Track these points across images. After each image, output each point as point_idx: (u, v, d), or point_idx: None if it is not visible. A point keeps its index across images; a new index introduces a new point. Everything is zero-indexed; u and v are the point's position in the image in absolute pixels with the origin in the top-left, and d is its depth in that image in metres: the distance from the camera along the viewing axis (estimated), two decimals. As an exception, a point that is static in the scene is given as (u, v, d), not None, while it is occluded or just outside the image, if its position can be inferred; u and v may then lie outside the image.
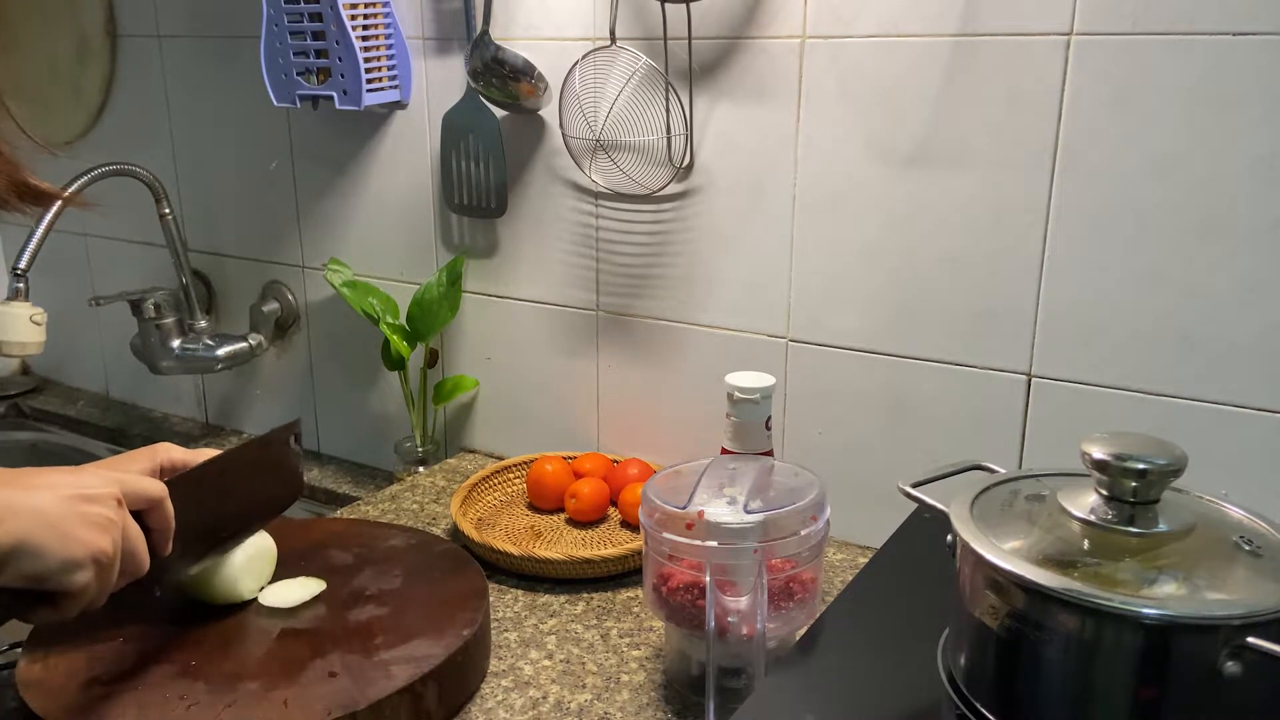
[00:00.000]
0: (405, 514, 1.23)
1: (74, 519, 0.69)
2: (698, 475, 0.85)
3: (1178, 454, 0.62)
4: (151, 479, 0.78)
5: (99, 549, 0.69)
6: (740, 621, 0.79)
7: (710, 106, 1.13)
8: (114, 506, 0.72)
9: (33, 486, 0.69)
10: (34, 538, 0.66)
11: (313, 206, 1.47)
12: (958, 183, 1.01)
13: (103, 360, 1.82)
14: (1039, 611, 0.59)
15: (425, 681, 0.81)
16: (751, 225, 1.13)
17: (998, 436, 1.04)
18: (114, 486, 0.73)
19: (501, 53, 1.19)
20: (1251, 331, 0.91)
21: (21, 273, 1.27)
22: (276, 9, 1.26)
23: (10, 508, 0.66)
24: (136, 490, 0.75)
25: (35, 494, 0.68)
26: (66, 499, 0.69)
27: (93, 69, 1.62)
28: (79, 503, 0.70)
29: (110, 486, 0.72)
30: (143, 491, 0.76)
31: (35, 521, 0.67)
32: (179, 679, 0.80)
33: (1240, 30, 0.86)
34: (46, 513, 0.68)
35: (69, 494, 0.69)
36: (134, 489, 0.75)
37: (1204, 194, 0.91)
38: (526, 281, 1.32)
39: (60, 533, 0.68)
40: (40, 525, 0.67)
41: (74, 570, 0.68)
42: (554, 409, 1.34)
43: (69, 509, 0.69)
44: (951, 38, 0.98)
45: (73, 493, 0.70)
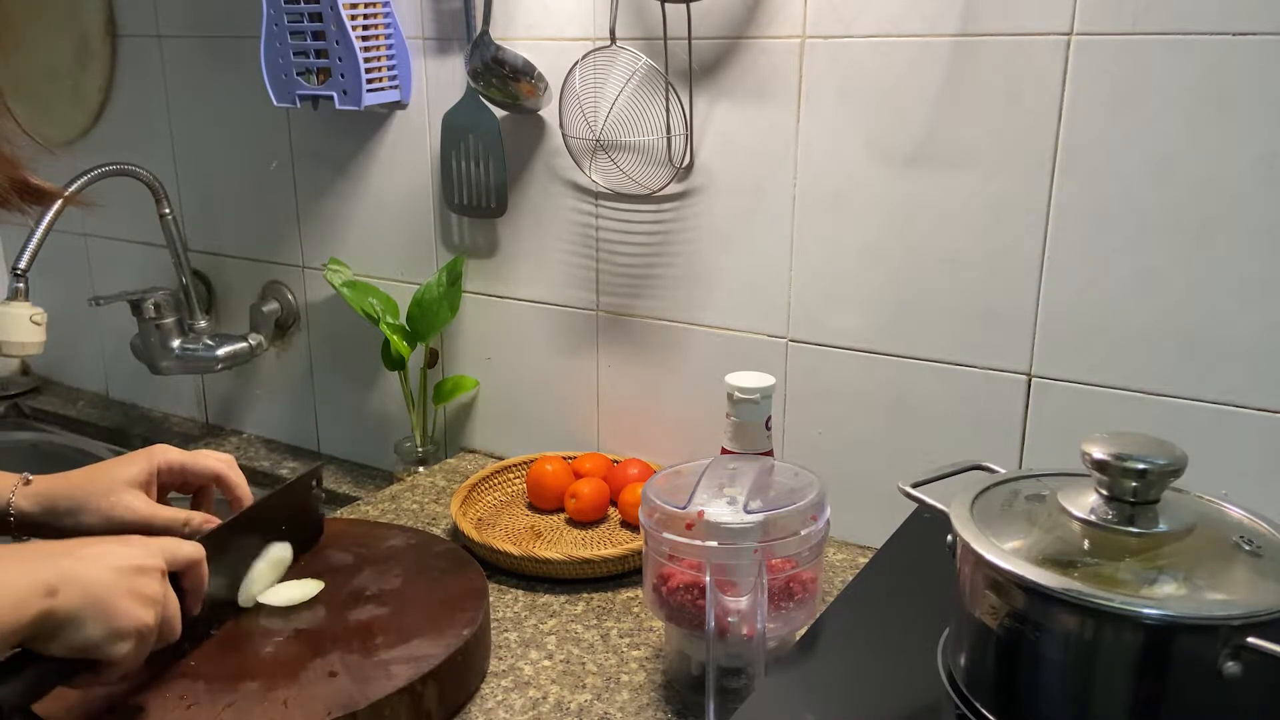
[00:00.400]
0: (405, 514, 1.23)
1: (123, 593, 0.71)
2: (698, 475, 0.85)
3: (1178, 454, 0.62)
4: (191, 543, 0.80)
5: (144, 623, 0.72)
6: (740, 621, 0.79)
7: (710, 106, 1.13)
8: (159, 580, 0.74)
9: (85, 558, 0.71)
10: (85, 611, 0.68)
11: (313, 206, 1.47)
12: (958, 183, 1.01)
13: (103, 360, 1.82)
14: (1039, 611, 0.59)
15: (425, 681, 0.81)
16: (751, 225, 1.13)
17: (998, 436, 1.04)
18: (159, 558, 0.75)
19: (501, 53, 1.19)
20: (1251, 331, 0.91)
21: (21, 273, 1.27)
22: (276, 9, 1.26)
23: (69, 578, 0.68)
24: (178, 556, 0.78)
25: (89, 565, 0.70)
26: (118, 572, 0.71)
27: (93, 69, 1.62)
28: (129, 576, 0.72)
29: (156, 558, 0.75)
30: (184, 558, 0.78)
31: (89, 595, 0.69)
32: (179, 679, 0.80)
33: (1240, 30, 0.86)
34: (99, 586, 0.69)
35: (121, 566, 0.71)
36: (176, 556, 0.77)
37: (1204, 194, 0.91)
38: (526, 281, 1.32)
39: (110, 606, 0.70)
40: (94, 597, 0.69)
41: (119, 641, 0.70)
42: (554, 409, 1.34)
43: (120, 583, 0.71)
44: (951, 38, 0.98)
45: (124, 564, 0.72)
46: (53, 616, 0.67)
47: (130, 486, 0.88)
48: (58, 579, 0.67)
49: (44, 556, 0.69)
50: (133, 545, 0.74)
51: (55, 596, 0.67)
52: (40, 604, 0.66)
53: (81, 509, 0.87)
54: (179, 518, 0.89)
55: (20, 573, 0.67)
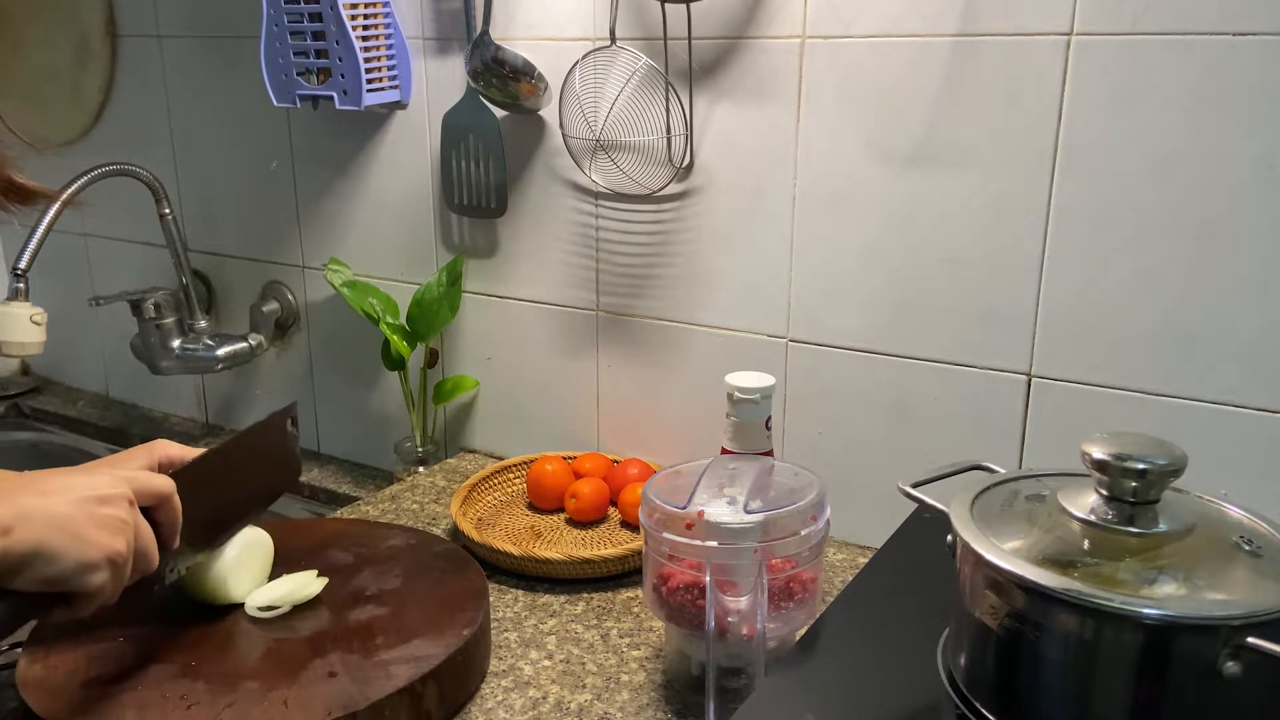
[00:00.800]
0: (405, 514, 1.23)
1: (88, 521, 0.70)
2: (698, 475, 0.85)
3: (1178, 454, 0.62)
4: (160, 475, 0.79)
5: (114, 550, 0.70)
6: (740, 621, 0.79)
7: (710, 106, 1.13)
8: (126, 507, 0.73)
9: (46, 491, 0.69)
10: (50, 542, 0.67)
11: (313, 206, 1.47)
12: (958, 183, 1.01)
13: (103, 360, 1.82)
14: (1039, 611, 0.59)
15: (425, 681, 0.81)
16: (751, 225, 1.13)
17: (998, 436, 1.04)
18: (125, 486, 0.74)
19: (501, 53, 1.19)
20: (1251, 331, 0.91)
21: (21, 273, 1.27)
22: (276, 9, 1.26)
23: (25, 514, 0.67)
24: (147, 488, 0.76)
25: (49, 499, 0.69)
26: (80, 501, 0.70)
27: (93, 69, 1.62)
28: (93, 505, 0.70)
29: (121, 486, 0.73)
30: (153, 488, 0.77)
31: (51, 526, 0.68)
32: (179, 679, 0.80)
33: (1240, 30, 0.86)
34: (61, 517, 0.68)
35: (83, 496, 0.70)
36: (144, 487, 0.76)
37: (1204, 194, 0.91)
38: (526, 281, 1.32)
39: (75, 536, 0.68)
40: (56, 530, 0.68)
41: (90, 572, 0.69)
42: (554, 409, 1.34)
43: (83, 512, 0.70)
44: (951, 38, 0.98)
45: (86, 495, 0.70)
46: (9, 554, 0.66)
47: None
48: (11, 517, 0.66)
49: (0, 494, 0.68)
50: (98, 475, 0.74)
51: (10, 535, 0.66)
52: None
53: None
54: None
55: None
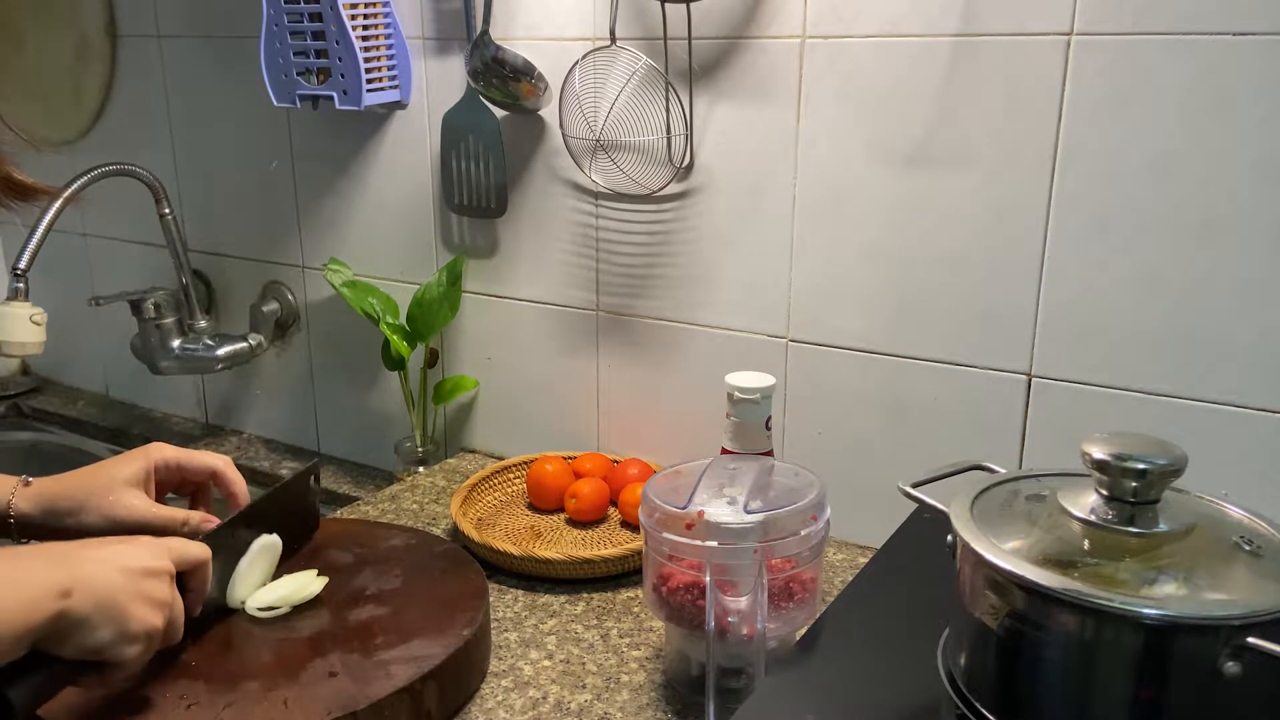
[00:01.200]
0: (405, 514, 1.23)
1: (134, 596, 0.71)
2: (698, 475, 0.85)
3: (1178, 454, 0.62)
4: (198, 544, 0.80)
5: (154, 626, 0.72)
6: (740, 621, 0.79)
7: (710, 106, 1.13)
8: (169, 583, 0.75)
9: (98, 560, 0.71)
10: (98, 613, 0.69)
11: (313, 206, 1.47)
12: (958, 183, 1.01)
13: (103, 360, 1.82)
14: (1039, 611, 0.59)
15: (425, 681, 0.81)
16: (751, 225, 1.13)
17: (998, 436, 1.04)
18: (168, 559, 0.75)
19: (501, 53, 1.19)
20: (1251, 331, 0.91)
21: (21, 273, 1.27)
22: (276, 9, 1.26)
23: (84, 580, 0.68)
24: (185, 558, 0.78)
25: (101, 568, 0.70)
26: (129, 574, 0.71)
27: (93, 69, 1.62)
28: (140, 579, 0.72)
29: (165, 560, 0.75)
30: (190, 558, 0.79)
31: (101, 597, 0.69)
32: (179, 679, 0.80)
33: (1240, 30, 0.87)
34: (111, 588, 0.70)
35: (131, 568, 0.72)
36: (182, 556, 0.78)
37: (1204, 194, 0.91)
38: (526, 281, 1.32)
39: (121, 610, 0.70)
40: (104, 601, 0.69)
41: (128, 644, 0.71)
42: (554, 409, 1.34)
43: (131, 586, 0.71)
44: (951, 38, 0.98)
45: (135, 566, 0.72)
46: (66, 618, 0.67)
47: (129, 485, 0.89)
48: (71, 581, 0.68)
49: (57, 558, 0.69)
50: (141, 546, 0.75)
51: (69, 598, 0.67)
52: (55, 605, 0.66)
53: (82, 509, 0.87)
54: (178, 517, 0.89)
55: (35, 573, 0.67)
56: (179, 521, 0.89)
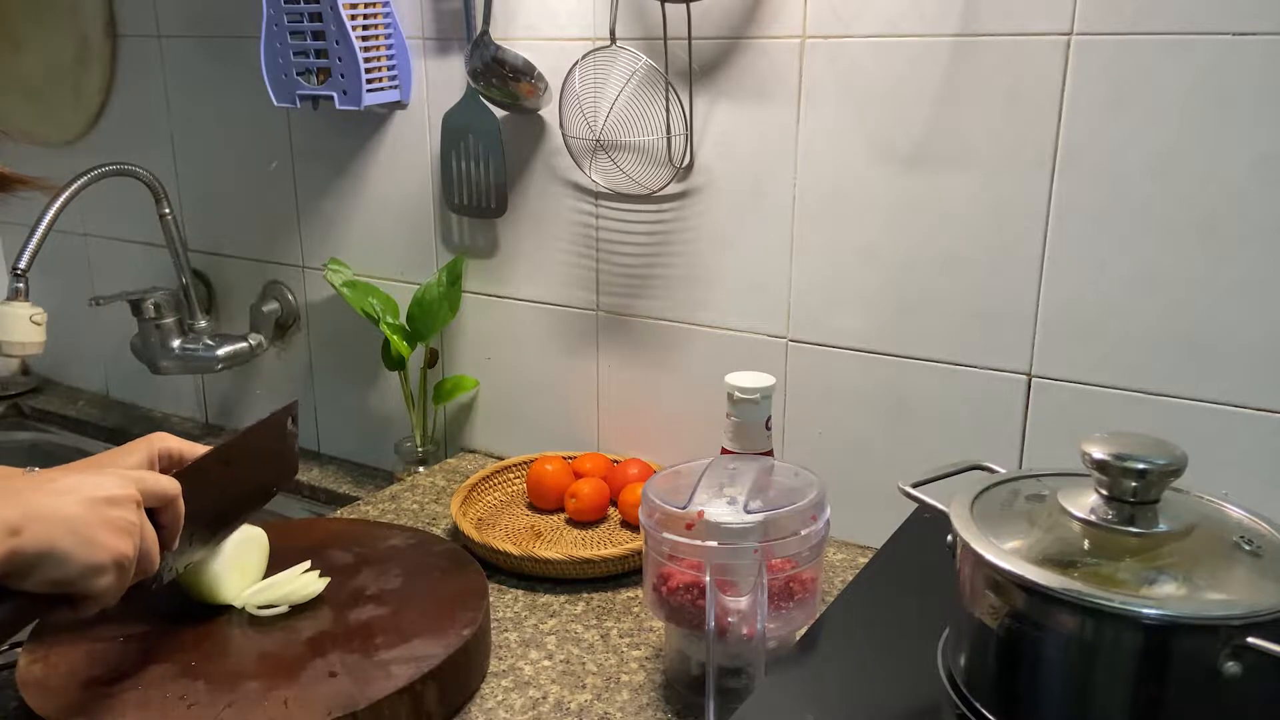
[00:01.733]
0: (405, 514, 1.23)
1: (97, 524, 0.69)
2: (698, 475, 0.85)
3: (1178, 454, 0.62)
4: (167, 477, 0.79)
5: (121, 553, 0.70)
6: (740, 621, 0.79)
7: (710, 106, 1.13)
8: (134, 509, 0.73)
9: (55, 492, 0.69)
10: (60, 544, 0.67)
11: (313, 206, 1.47)
12: (958, 183, 1.01)
13: (103, 360, 1.82)
14: (1039, 611, 0.59)
15: (425, 681, 0.81)
16: (751, 225, 1.13)
17: (998, 436, 1.04)
18: (133, 487, 0.73)
19: (501, 53, 1.19)
20: (1251, 331, 0.91)
21: (21, 273, 1.27)
22: (276, 9, 1.26)
23: (36, 514, 0.67)
24: (154, 489, 0.76)
25: (59, 499, 0.69)
26: (90, 502, 0.70)
27: (93, 69, 1.62)
28: (102, 506, 0.70)
29: (130, 488, 0.73)
30: (159, 490, 0.76)
31: (61, 528, 0.67)
32: (179, 679, 0.80)
33: (1240, 30, 0.86)
34: (71, 518, 0.68)
35: (92, 497, 0.70)
36: (151, 488, 0.76)
37: (1204, 194, 0.91)
38: (526, 281, 1.32)
39: (84, 538, 0.68)
40: (66, 532, 0.68)
41: (97, 574, 0.69)
42: (554, 409, 1.34)
43: (93, 514, 0.69)
44: (951, 38, 0.98)
45: (96, 495, 0.70)
46: (19, 555, 0.65)
47: None
48: (21, 517, 0.66)
49: (10, 494, 0.68)
50: (105, 475, 0.73)
51: (20, 535, 0.65)
52: (3, 544, 0.65)
53: None
54: None
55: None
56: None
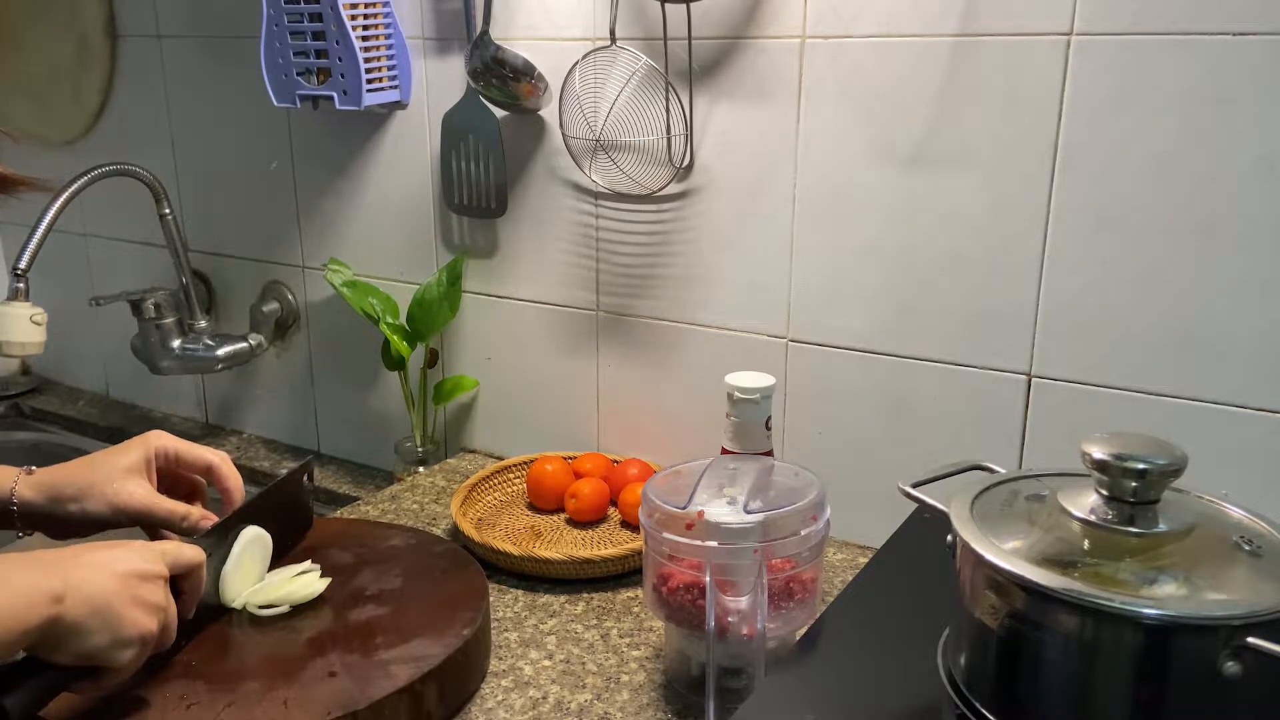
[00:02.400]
0: (405, 514, 1.23)
1: (129, 601, 0.71)
2: (698, 475, 0.85)
3: (1178, 454, 0.62)
4: (191, 547, 0.81)
5: (149, 631, 0.72)
6: (740, 621, 0.79)
7: (710, 106, 1.13)
8: (163, 587, 0.75)
9: (90, 565, 0.71)
10: (92, 619, 0.69)
11: (313, 206, 1.47)
12: (958, 183, 1.01)
13: (103, 360, 1.82)
14: (1039, 611, 0.59)
15: (425, 681, 0.81)
16: (751, 225, 1.13)
17: (998, 436, 1.04)
18: (162, 564, 0.76)
19: (501, 53, 1.19)
20: (1251, 331, 0.91)
21: (21, 273, 1.27)
22: (276, 9, 1.26)
23: (76, 586, 0.68)
24: (179, 561, 0.78)
25: (95, 573, 0.70)
26: (123, 579, 0.71)
27: (93, 69, 1.62)
28: (134, 583, 0.72)
29: (159, 564, 0.75)
30: (185, 561, 0.79)
31: (95, 603, 0.69)
32: (179, 679, 0.80)
33: (1240, 30, 0.86)
34: (105, 593, 0.70)
35: (125, 572, 0.72)
36: (177, 561, 0.78)
37: (1204, 194, 0.91)
38: (526, 281, 1.32)
39: (115, 615, 0.70)
40: (98, 606, 0.69)
41: (123, 649, 0.71)
42: (554, 409, 1.34)
43: (125, 590, 0.71)
44: (951, 38, 0.98)
45: (129, 570, 0.72)
46: (59, 624, 0.67)
47: (131, 473, 0.89)
48: (63, 586, 0.68)
49: (49, 563, 0.69)
50: (135, 550, 0.74)
51: (61, 604, 0.67)
52: (46, 611, 0.66)
53: (85, 496, 0.87)
54: (178, 510, 0.89)
55: (26, 579, 0.67)
56: (179, 515, 0.89)
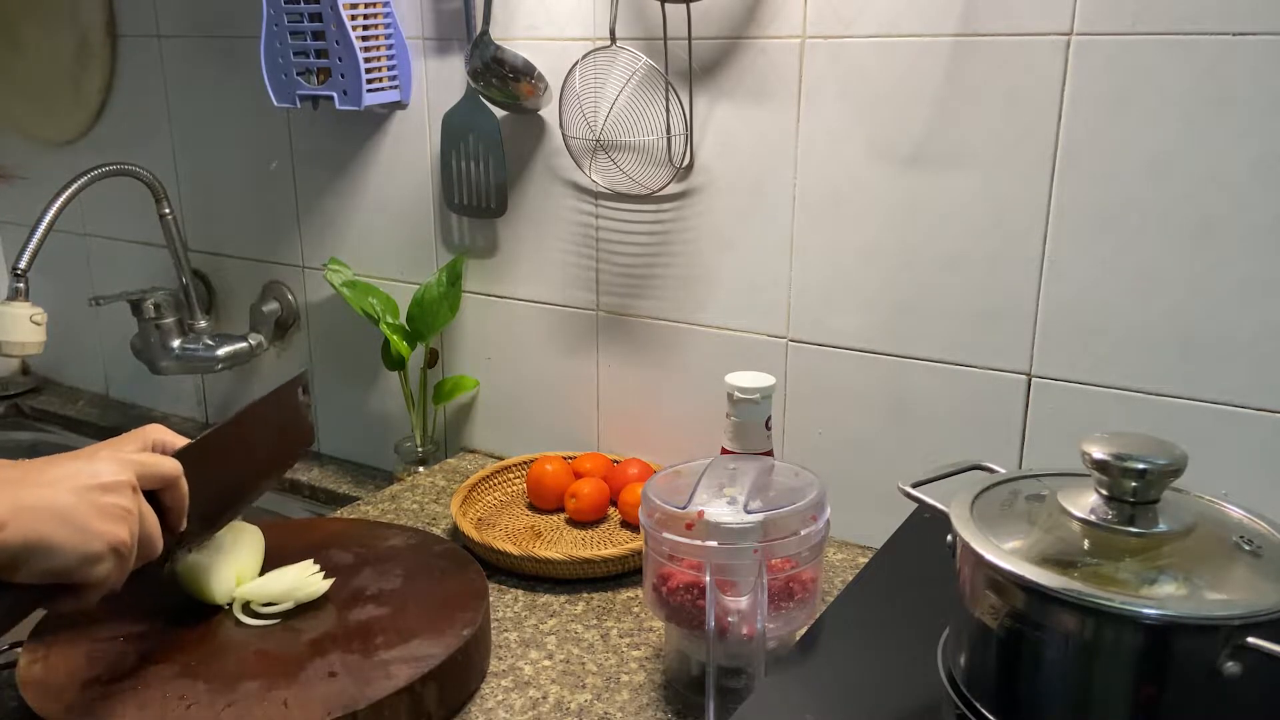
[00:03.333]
0: (405, 514, 1.23)
1: (91, 511, 0.68)
2: (698, 475, 0.85)
3: (1178, 454, 0.62)
4: (167, 458, 0.77)
5: (118, 539, 0.69)
6: (740, 621, 0.79)
7: (710, 106, 1.13)
8: (130, 493, 0.71)
9: (46, 482, 0.68)
10: (51, 535, 0.66)
11: (313, 206, 1.47)
12: (958, 183, 1.01)
13: (103, 360, 1.82)
14: (1039, 611, 0.59)
15: (425, 681, 0.81)
16: (751, 225, 1.13)
17: (998, 436, 1.04)
18: (129, 471, 0.72)
19: (501, 53, 1.19)
20: (1251, 331, 0.91)
21: (21, 273, 1.27)
22: (276, 9, 1.26)
23: (23, 506, 0.65)
24: (152, 471, 0.74)
25: (49, 489, 0.67)
26: (82, 490, 0.68)
27: (93, 69, 1.62)
28: (95, 493, 0.69)
29: (125, 472, 0.71)
30: (158, 472, 0.75)
31: (52, 518, 0.66)
32: (179, 679, 0.80)
33: (1240, 30, 0.86)
34: (63, 507, 0.67)
35: (84, 484, 0.68)
36: (149, 470, 0.74)
37: (1204, 194, 0.91)
38: (526, 281, 1.32)
39: (78, 527, 0.67)
40: (57, 521, 0.66)
41: (94, 563, 0.68)
42: (554, 409, 1.34)
43: (85, 501, 0.68)
44: (951, 38, 0.98)
45: (88, 483, 0.69)
46: (5, 548, 0.64)
47: None
48: (7, 510, 0.64)
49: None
50: (100, 460, 0.72)
51: (4, 529, 0.64)
52: None
53: None
54: None
55: None
56: None
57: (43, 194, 1.31)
